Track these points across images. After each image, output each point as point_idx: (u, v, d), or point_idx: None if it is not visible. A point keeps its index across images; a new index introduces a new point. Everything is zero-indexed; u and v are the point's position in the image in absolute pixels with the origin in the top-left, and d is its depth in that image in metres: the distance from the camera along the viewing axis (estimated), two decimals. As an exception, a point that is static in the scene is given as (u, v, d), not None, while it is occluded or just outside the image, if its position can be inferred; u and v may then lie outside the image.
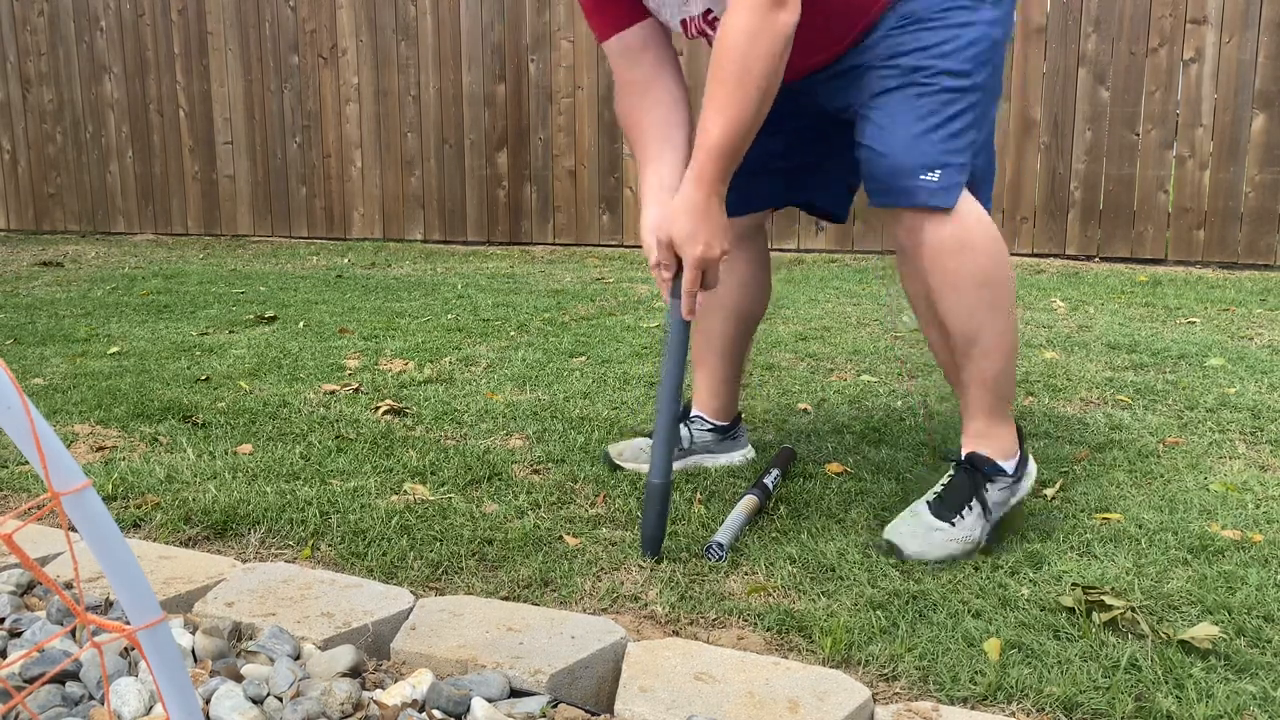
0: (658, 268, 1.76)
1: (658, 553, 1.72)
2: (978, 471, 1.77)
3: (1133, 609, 1.50)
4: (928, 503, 1.74)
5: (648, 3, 1.84)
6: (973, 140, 1.73)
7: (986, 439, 1.81)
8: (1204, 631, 1.43)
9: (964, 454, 1.81)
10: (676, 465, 2.16)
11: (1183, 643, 1.42)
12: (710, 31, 1.81)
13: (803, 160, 2.03)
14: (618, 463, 2.15)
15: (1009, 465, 1.80)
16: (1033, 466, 1.86)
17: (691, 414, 2.18)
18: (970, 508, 1.73)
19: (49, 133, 7.69)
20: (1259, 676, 1.35)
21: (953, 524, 1.70)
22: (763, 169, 1.97)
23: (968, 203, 1.72)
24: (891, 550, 1.70)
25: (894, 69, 1.72)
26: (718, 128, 1.62)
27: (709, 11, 1.78)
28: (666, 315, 1.78)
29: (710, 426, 2.17)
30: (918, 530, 1.70)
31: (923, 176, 1.68)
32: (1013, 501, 1.81)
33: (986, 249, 1.72)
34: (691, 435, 2.16)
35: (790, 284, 4.75)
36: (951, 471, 1.80)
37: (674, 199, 1.71)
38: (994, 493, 1.77)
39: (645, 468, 2.12)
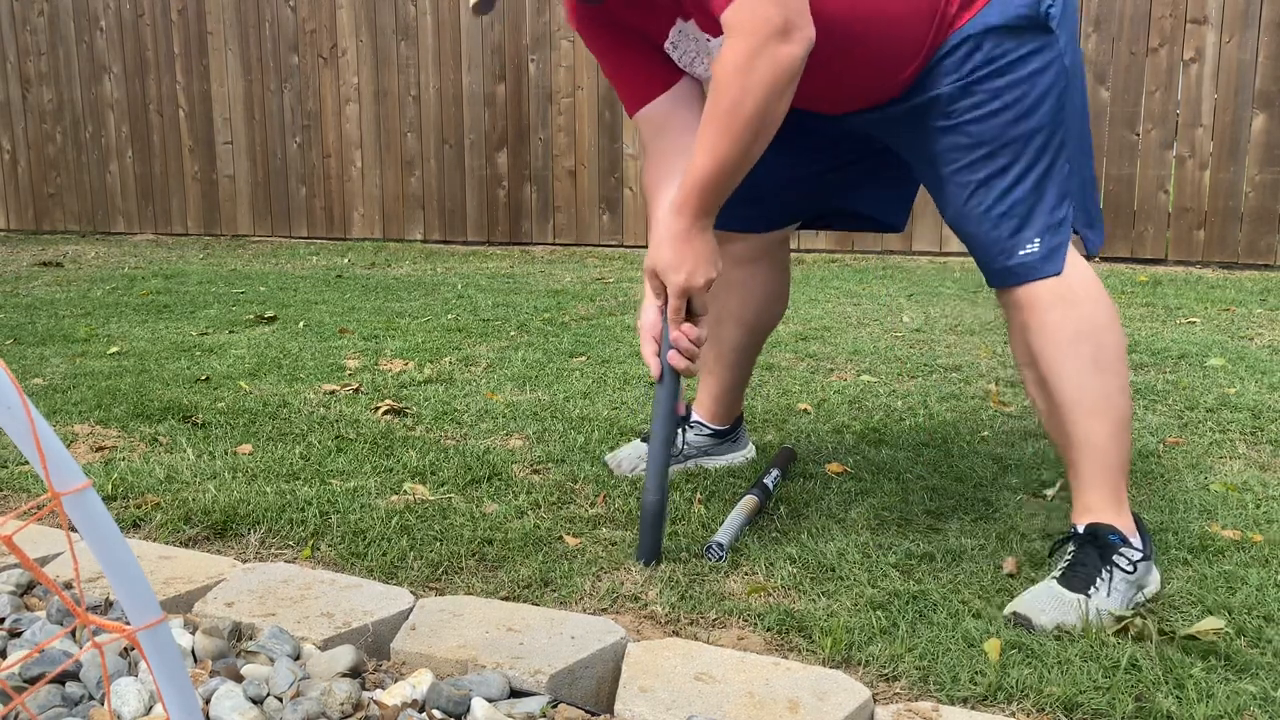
0: (646, 338, 1.70)
1: (656, 561, 1.71)
2: (1102, 541, 1.55)
3: (1134, 608, 1.50)
4: (1055, 579, 1.53)
5: (677, 61, 1.74)
6: (1066, 184, 1.59)
7: (1098, 513, 1.59)
8: (1209, 625, 1.43)
9: (1080, 528, 1.59)
10: (675, 467, 2.16)
11: (1187, 639, 1.42)
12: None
13: (841, 173, 1.91)
14: (616, 472, 2.13)
15: (1134, 540, 1.58)
16: (1156, 574, 1.60)
17: (691, 418, 2.17)
18: (1103, 578, 1.51)
19: (49, 133, 7.69)
20: (1259, 676, 1.35)
21: (1089, 595, 1.49)
22: (791, 183, 1.89)
23: (1070, 256, 1.59)
24: (1021, 623, 1.47)
25: (965, 137, 1.57)
26: (704, 163, 1.54)
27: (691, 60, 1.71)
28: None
29: (710, 431, 2.17)
30: (1051, 602, 1.49)
31: (1023, 251, 1.57)
32: (1147, 592, 1.56)
33: (1089, 301, 1.58)
34: (685, 440, 2.15)
35: (790, 284, 4.75)
36: (1072, 547, 1.58)
37: (659, 227, 1.64)
38: (1123, 566, 1.53)
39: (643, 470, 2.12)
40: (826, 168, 1.90)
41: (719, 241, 1.74)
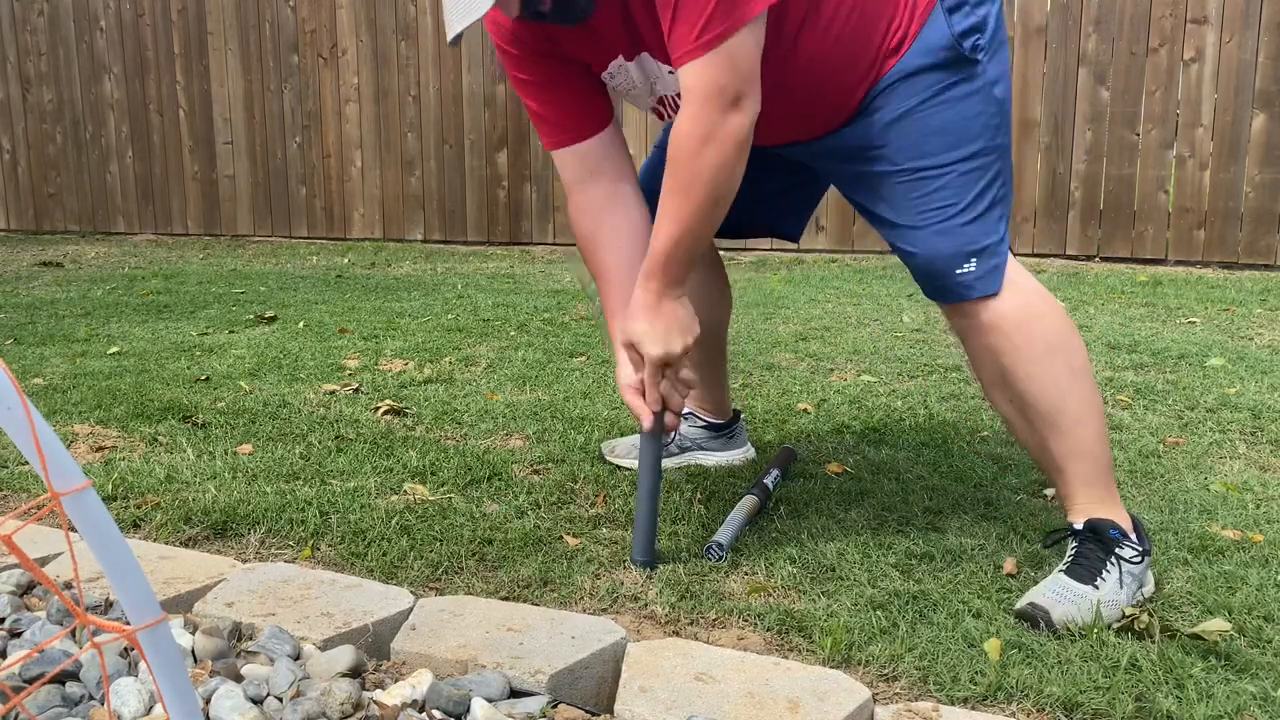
0: (630, 390, 1.69)
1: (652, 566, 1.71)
2: (1103, 534, 1.57)
3: (1137, 605, 1.50)
4: (1062, 572, 1.56)
5: (612, 89, 1.74)
6: (1001, 202, 1.63)
7: (1094, 510, 1.61)
8: (1215, 626, 1.43)
9: (1079, 525, 1.61)
10: (674, 462, 2.17)
11: (1193, 638, 1.42)
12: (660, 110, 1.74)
13: (768, 190, 1.92)
14: (610, 459, 2.15)
15: (1132, 537, 1.59)
16: (1151, 576, 1.62)
17: (684, 410, 2.18)
18: (1109, 569, 1.54)
19: (49, 133, 7.69)
20: (1259, 676, 1.35)
21: (1096, 587, 1.52)
22: None
23: (1018, 272, 1.63)
24: (1034, 618, 1.49)
25: (899, 165, 1.62)
26: (666, 235, 1.56)
27: (662, 96, 1.71)
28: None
29: (704, 423, 2.18)
30: (1063, 595, 1.50)
31: (960, 270, 1.60)
32: (1145, 591, 1.58)
33: (1051, 314, 1.62)
34: (680, 432, 2.16)
35: (790, 284, 4.75)
36: (1074, 542, 1.60)
37: (631, 298, 1.65)
38: (1128, 559, 1.56)
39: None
40: (748, 185, 1.85)
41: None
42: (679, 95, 1.68)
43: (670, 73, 1.62)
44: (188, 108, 7.22)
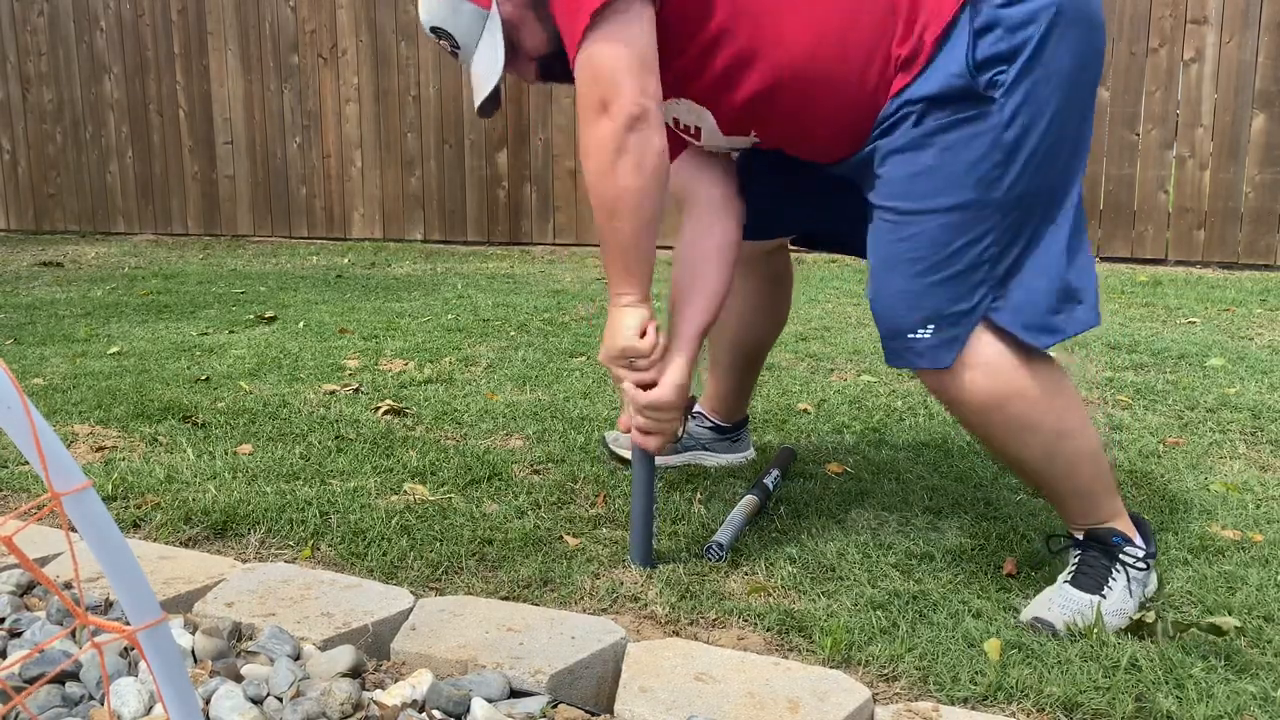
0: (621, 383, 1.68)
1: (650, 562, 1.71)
2: (1105, 541, 1.54)
3: (1140, 608, 1.50)
4: (1066, 582, 1.53)
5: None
6: (986, 264, 1.44)
7: (1097, 520, 1.57)
8: (1228, 621, 1.44)
9: (1080, 535, 1.58)
10: (677, 460, 2.18)
11: (1210, 627, 1.42)
12: (684, 137, 1.73)
13: (830, 198, 1.79)
14: (613, 449, 2.16)
15: (1136, 539, 1.56)
16: (1154, 577, 1.60)
17: (694, 409, 2.18)
18: (1115, 576, 1.51)
19: (49, 133, 7.69)
20: (1259, 676, 1.35)
21: (1103, 595, 1.49)
22: (780, 194, 1.82)
23: (987, 345, 1.46)
24: (1040, 628, 1.46)
25: (882, 209, 1.50)
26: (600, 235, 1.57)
27: (678, 120, 1.68)
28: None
29: (710, 425, 2.18)
30: (1068, 605, 1.48)
31: (912, 335, 1.47)
32: (1148, 590, 1.56)
33: (1030, 390, 1.46)
34: (686, 429, 2.16)
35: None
36: (1077, 552, 1.57)
37: None
38: (1133, 564, 1.53)
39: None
40: (818, 189, 1.79)
41: None
42: (674, 124, 1.69)
43: (676, 102, 1.63)
44: (188, 108, 7.22)
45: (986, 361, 1.46)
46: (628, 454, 2.13)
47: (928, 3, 1.43)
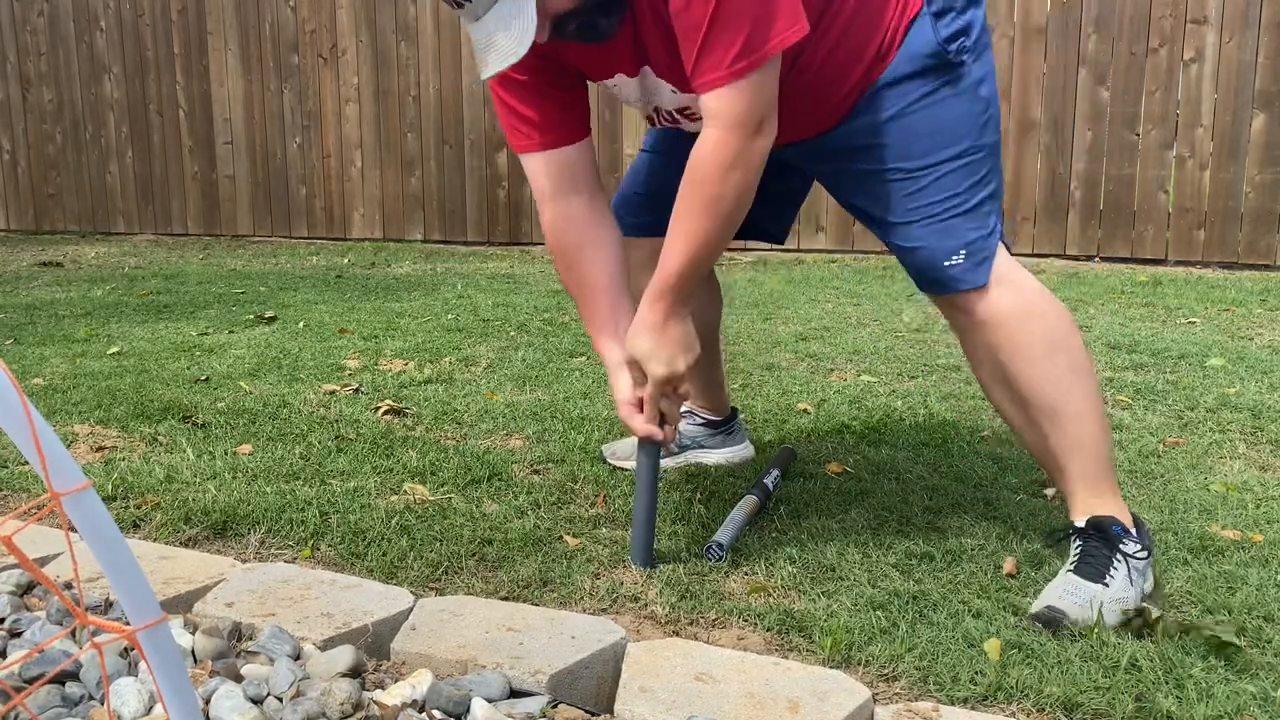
0: (626, 407, 1.69)
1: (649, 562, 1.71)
2: (1106, 531, 1.58)
3: (1140, 608, 1.50)
4: (1070, 571, 1.56)
5: (614, 94, 1.74)
6: (991, 198, 1.66)
7: (1097, 507, 1.62)
8: (1226, 633, 1.43)
9: (1081, 522, 1.62)
10: (674, 461, 2.18)
11: (1210, 639, 1.41)
12: (685, 124, 1.73)
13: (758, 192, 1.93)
14: (612, 462, 2.16)
15: (1134, 533, 1.60)
16: (1151, 575, 1.62)
17: (682, 409, 2.18)
18: (1116, 566, 1.54)
19: (49, 133, 7.69)
20: (1259, 676, 1.35)
21: (1106, 585, 1.52)
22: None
23: (1015, 270, 1.65)
24: (1050, 620, 1.48)
25: (889, 170, 1.65)
26: (681, 254, 1.57)
27: (687, 108, 1.68)
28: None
29: (702, 421, 2.19)
30: (1079, 593, 1.51)
31: (948, 263, 1.62)
32: (1146, 588, 1.58)
33: (1050, 311, 1.64)
34: (679, 430, 2.16)
35: (790, 284, 4.75)
36: (1079, 541, 1.61)
37: (635, 315, 1.65)
38: (1133, 554, 1.57)
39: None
40: None
41: (628, 249, 1.79)
42: (678, 110, 1.70)
43: (673, 91, 1.65)
44: (188, 108, 7.22)
45: (1017, 279, 1.64)
46: (626, 465, 2.13)
47: (899, 2, 1.63)
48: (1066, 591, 1.51)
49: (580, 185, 1.74)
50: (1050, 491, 2.01)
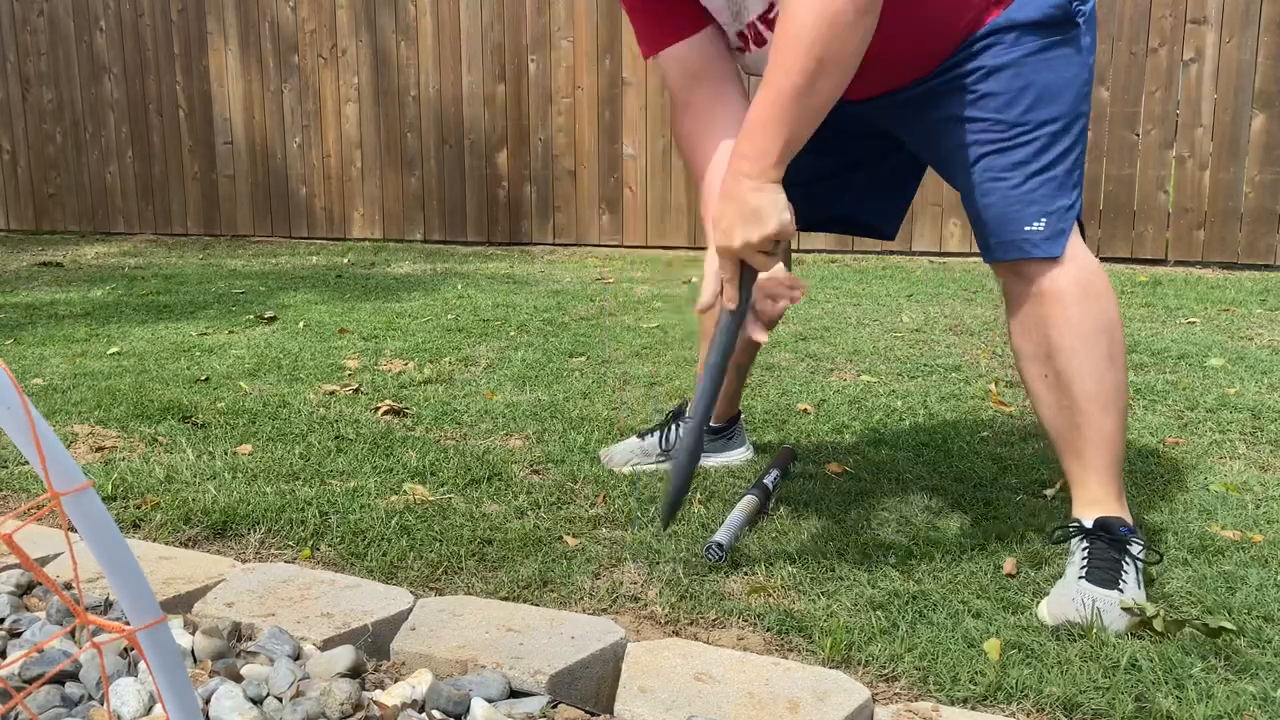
0: (711, 277, 1.59)
1: (670, 522, 1.69)
2: (1114, 532, 1.57)
3: (1140, 608, 1.50)
4: (1083, 578, 1.52)
5: (709, 7, 1.68)
6: (1078, 168, 1.63)
7: (1105, 506, 1.61)
8: (1216, 621, 1.44)
9: (1089, 522, 1.60)
10: (667, 465, 2.17)
11: (1209, 632, 1.42)
12: (768, 34, 1.65)
13: (838, 177, 1.89)
14: (609, 466, 2.15)
15: (1138, 534, 1.60)
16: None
17: (684, 414, 2.18)
18: (1126, 568, 1.53)
19: (49, 133, 7.69)
20: (1259, 676, 1.35)
21: (1121, 590, 1.50)
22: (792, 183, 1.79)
23: (1083, 249, 1.62)
24: (1061, 627, 1.48)
25: (987, 118, 1.59)
26: (762, 97, 1.46)
27: (771, 8, 1.62)
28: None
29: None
30: (1090, 602, 1.49)
31: (1028, 227, 1.58)
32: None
33: (1107, 296, 1.61)
34: (675, 435, 2.15)
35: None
36: (1085, 543, 1.58)
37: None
38: (1139, 556, 1.56)
39: (639, 468, 2.13)
40: (830, 170, 1.86)
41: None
42: (763, 16, 1.65)
43: None
44: (188, 108, 7.22)
45: (1083, 258, 1.61)
46: (622, 469, 2.13)
47: None
48: (1081, 601, 1.48)
49: (703, 76, 1.72)
50: (1050, 491, 2.01)
